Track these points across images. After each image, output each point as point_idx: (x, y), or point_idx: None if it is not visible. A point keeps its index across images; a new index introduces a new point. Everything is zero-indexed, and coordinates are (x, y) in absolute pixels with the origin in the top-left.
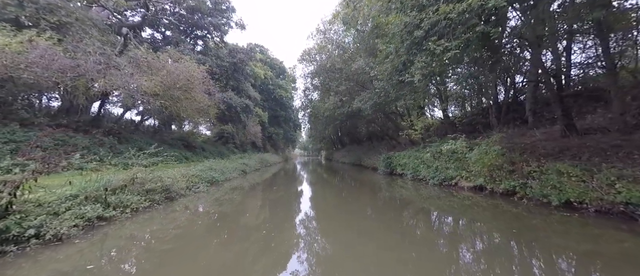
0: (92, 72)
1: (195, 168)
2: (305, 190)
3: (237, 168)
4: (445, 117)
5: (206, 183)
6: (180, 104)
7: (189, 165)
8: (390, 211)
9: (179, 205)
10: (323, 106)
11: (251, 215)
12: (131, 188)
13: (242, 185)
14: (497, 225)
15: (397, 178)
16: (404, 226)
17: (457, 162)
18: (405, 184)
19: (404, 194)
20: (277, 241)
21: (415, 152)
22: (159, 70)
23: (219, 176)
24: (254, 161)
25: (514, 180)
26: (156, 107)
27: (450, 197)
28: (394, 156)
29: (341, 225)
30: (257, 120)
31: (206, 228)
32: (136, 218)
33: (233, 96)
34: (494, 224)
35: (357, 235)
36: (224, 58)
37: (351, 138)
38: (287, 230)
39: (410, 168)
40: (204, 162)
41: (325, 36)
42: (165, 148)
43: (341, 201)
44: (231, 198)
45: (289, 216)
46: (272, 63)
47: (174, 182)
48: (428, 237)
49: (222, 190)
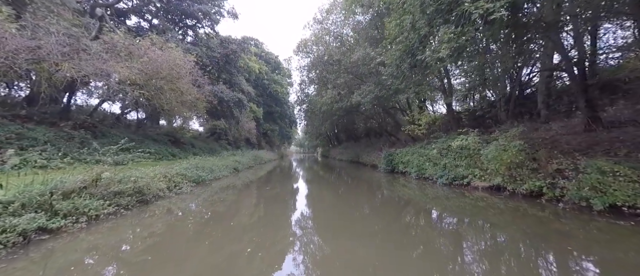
0: (55, 55)
1: (179, 166)
2: (301, 190)
3: (228, 165)
4: (449, 112)
5: (191, 183)
6: (164, 96)
7: (173, 163)
8: (395, 214)
9: (153, 209)
10: (320, 100)
11: (237, 223)
12: (93, 191)
13: (233, 183)
14: (522, 231)
15: (400, 177)
16: (411, 231)
17: (468, 159)
18: (409, 183)
19: (409, 194)
20: (267, 258)
21: (419, 148)
22: (139, 57)
23: (207, 175)
24: (247, 158)
25: (539, 179)
26: (134, 97)
27: (462, 198)
28: (395, 153)
29: (343, 232)
30: (251, 116)
31: (179, 239)
32: (94, 227)
33: (225, 89)
34: (518, 231)
35: (360, 243)
36: (215, 48)
37: (348, 135)
38: (280, 242)
39: (415, 166)
40: (190, 159)
41: (323, 26)
42: (149, 144)
43: (342, 203)
44: (217, 200)
45: (282, 223)
46: (267, 57)
47: (150, 182)
48: (440, 244)
49: (208, 191)
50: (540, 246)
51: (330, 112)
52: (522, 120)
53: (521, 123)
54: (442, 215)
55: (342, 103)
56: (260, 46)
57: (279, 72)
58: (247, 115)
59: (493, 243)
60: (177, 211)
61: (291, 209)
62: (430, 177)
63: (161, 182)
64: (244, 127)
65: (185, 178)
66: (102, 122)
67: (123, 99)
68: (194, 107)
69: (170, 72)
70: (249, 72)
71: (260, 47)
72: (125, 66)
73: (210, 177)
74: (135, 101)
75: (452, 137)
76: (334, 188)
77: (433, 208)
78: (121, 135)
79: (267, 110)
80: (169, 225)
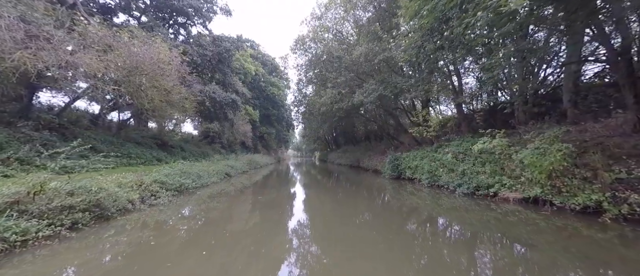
0: (6, 42)
1: (159, 173)
2: (298, 200)
3: (219, 171)
4: (459, 112)
5: (171, 192)
6: (145, 94)
7: (157, 168)
8: (409, 230)
9: (110, 228)
10: (319, 101)
11: (219, 245)
12: (29, 207)
13: (222, 191)
14: (573, 256)
15: (407, 184)
16: (428, 249)
17: (492, 164)
18: (419, 192)
19: (423, 206)
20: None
21: (430, 152)
22: (115, 49)
23: (192, 182)
24: (241, 163)
25: (594, 191)
26: (110, 94)
27: (488, 211)
28: (401, 157)
29: (350, 252)
30: (246, 118)
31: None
32: (15, 259)
33: (217, 89)
34: (568, 255)
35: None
36: (207, 46)
37: (347, 138)
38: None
39: (426, 172)
40: (174, 165)
41: (322, 22)
42: (130, 148)
43: (347, 217)
44: (197, 213)
45: (276, 248)
46: (263, 59)
47: (115, 193)
48: (466, 267)
49: (190, 202)
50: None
51: (329, 112)
52: (541, 120)
53: (540, 123)
54: (465, 232)
55: (343, 104)
56: (257, 48)
57: (276, 74)
58: (242, 118)
59: (531, 268)
60: (141, 231)
61: (286, 226)
62: (445, 185)
63: (132, 191)
64: (239, 130)
65: (164, 186)
66: (76, 123)
67: (95, 97)
68: (181, 108)
69: (153, 67)
70: (245, 73)
71: (257, 49)
72: (96, 58)
73: (196, 184)
74: (113, 100)
75: (467, 140)
76: (336, 197)
77: (453, 222)
78: (97, 138)
79: (264, 112)
80: (121, 251)
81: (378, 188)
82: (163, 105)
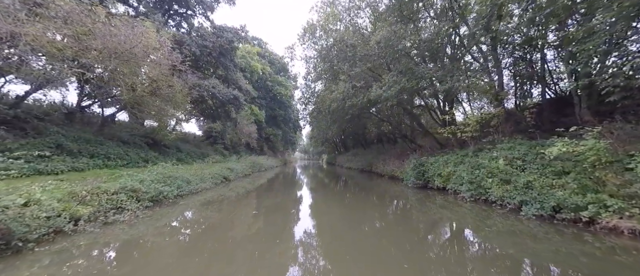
0: None
1: (130, 178)
2: (305, 215)
3: (217, 174)
4: (498, 110)
5: (145, 204)
6: (123, 81)
7: (141, 171)
8: (457, 269)
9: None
10: (329, 96)
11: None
12: None
13: (213, 201)
14: None
15: (436, 195)
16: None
17: (580, 176)
18: (458, 207)
19: (477, 231)
20: None
21: (467, 157)
22: (82, 25)
23: (177, 189)
24: (243, 165)
25: None
26: (65, 77)
27: (582, 244)
28: (428, 162)
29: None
30: (252, 118)
31: None
32: None
33: (218, 84)
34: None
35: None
36: (207, 37)
37: (356, 140)
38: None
39: (466, 181)
40: (153, 168)
41: (333, 10)
42: (110, 146)
43: (366, 237)
44: (162, 240)
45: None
46: (271, 58)
47: (41, 208)
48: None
49: (164, 216)
50: None
51: (341, 110)
52: (610, 119)
53: (609, 122)
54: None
55: (357, 100)
56: (264, 46)
57: (283, 74)
58: (247, 118)
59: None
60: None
61: (288, 257)
62: (498, 200)
63: (82, 205)
64: (243, 131)
65: (136, 195)
66: (44, 118)
67: (52, 82)
68: (173, 102)
69: (135, 52)
70: (252, 72)
71: (264, 47)
72: (44, 27)
73: (181, 192)
74: (86, 91)
75: (521, 142)
76: (350, 207)
77: (525, 259)
78: (69, 135)
79: (270, 113)
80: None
81: (401, 200)
82: (149, 98)
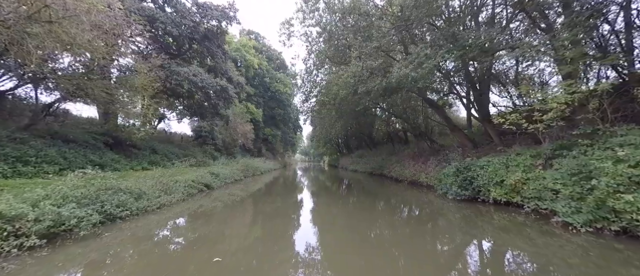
0: None
1: (14, 199)
2: (303, 249)
3: (195, 181)
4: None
5: (30, 241)
6: (35, 43)
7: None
8: None
9: None
10: (337, 82)
11: None
12: None
13: (167, 224)
14: None
15: (494, 213)
16: None
17: None
18: (565, 243)
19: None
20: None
21: (538, 157)
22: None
23: (110, 208)
24: (231, 169)
25: None
26: None
27: None
28: (475, 165)
29: None
30: (247, 117)
31: None
32: None
33: (201, 72)
34: None
35: None
36: (185, 14)
37: (360, 141)
38: None
39: (567, 197)
40: (69, 178)
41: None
42: (42, 146)
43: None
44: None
45: None
46: (269, 53)
47: None
48: None
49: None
50: None
51: (350, 100)
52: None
53: None
54: None
55: (373, 84)
56: (261, 40)
57: (283, 71)
58: (242, 116)
59: None
60: None
61: None
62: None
63: None
64: (237, 130)
65: (12, 226)
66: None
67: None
68: (125, 85)
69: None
70: (247, 67)
71: (261, 41)
72: None
73: (123, 212)
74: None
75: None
76: (368, 231)
77: None
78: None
79: (269, 113)
80: None
81: (455, 228)
82: (91, 82)
